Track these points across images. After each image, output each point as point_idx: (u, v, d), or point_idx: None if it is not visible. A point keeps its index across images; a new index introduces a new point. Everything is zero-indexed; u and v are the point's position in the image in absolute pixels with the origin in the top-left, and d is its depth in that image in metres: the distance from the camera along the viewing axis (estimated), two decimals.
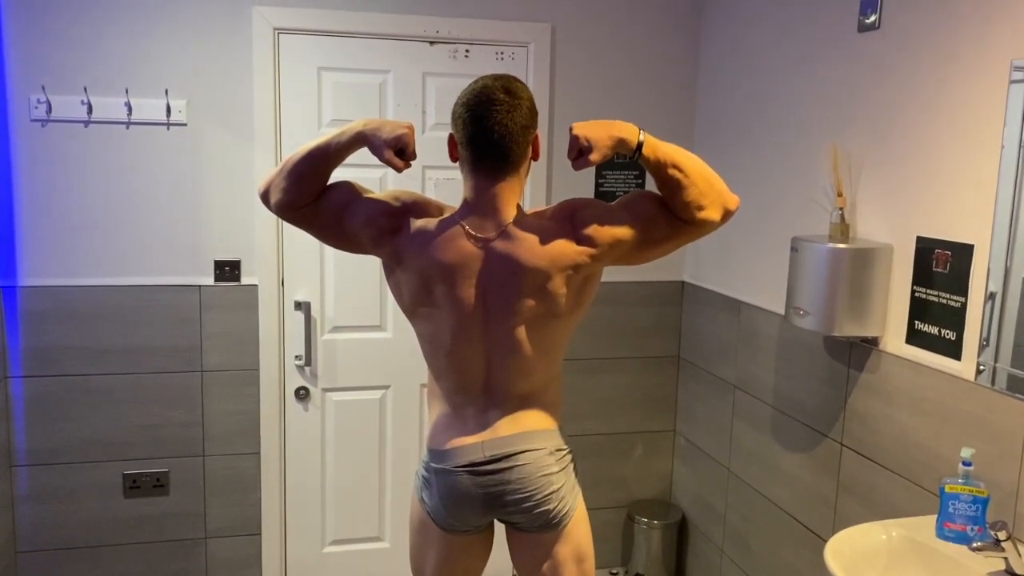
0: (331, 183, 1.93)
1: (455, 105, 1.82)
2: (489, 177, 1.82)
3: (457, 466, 1.89)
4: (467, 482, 1.88)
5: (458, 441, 1.90)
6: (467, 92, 1.80)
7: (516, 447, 1.88)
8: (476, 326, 1.85)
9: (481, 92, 1.77)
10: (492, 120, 1.75)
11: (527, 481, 1.88)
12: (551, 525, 1.93)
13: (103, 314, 2.94)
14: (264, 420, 3.11)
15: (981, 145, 1.97)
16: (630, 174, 3.32)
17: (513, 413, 1.91)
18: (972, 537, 1.85)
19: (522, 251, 1.80)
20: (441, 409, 1.96)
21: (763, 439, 2.87)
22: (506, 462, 1.88)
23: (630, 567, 3.43)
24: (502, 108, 1.76)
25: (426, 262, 1.82)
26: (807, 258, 2.33)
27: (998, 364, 1.93)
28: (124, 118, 2.87)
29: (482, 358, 1.88)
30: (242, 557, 3.17)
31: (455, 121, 1.81)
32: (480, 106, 1.76)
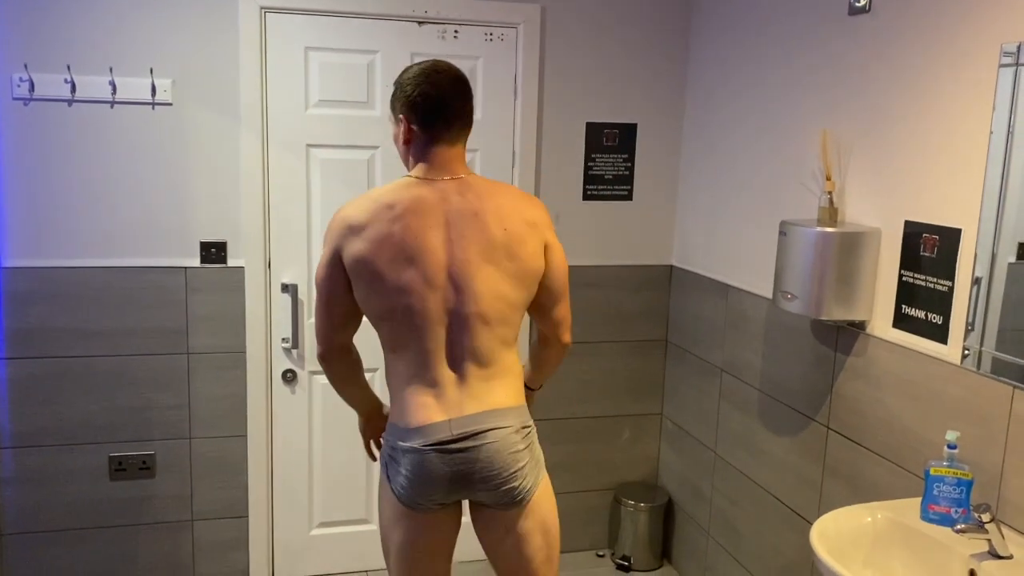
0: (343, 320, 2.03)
1: (406, 88, 1.94)
2: (448, 144, 1.98)
3: (425, 445, 1.89)
4: (435, 461, 1.89)
5: (425, 419, 1.90)
6: (421, 73, 1.95)
7: (483, 425, 1.91)
8: (443, 286, 1.90)
9: (432, 72, 1.95)
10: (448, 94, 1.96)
11: (495, 459, 1.90)
12: (516, 501, 1.96)
13: (88, 295, 2.91)
14: (251, 403, 3.10)
15: (970, 129, 1.97)
16: (619, 157, 3.31)
17: (478, 388, 1.93)
18: (956, 519, 1.86)
19: (484, 201, 1.95)
20: (405, 388, 1.95)
21: (750, 422, 2.88)
22: (473, 440, 1.89)
23: (616, 549, 3.45)
24: (454, 84, 1.98)
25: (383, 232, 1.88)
26: (795, 242, 2.33)
27: (983, 348, 1.94)
28: (108, 97, 2.83)
29: (447, 325, 1.92)
30: (229, 539, 3.17)
31: (411, 102, 1.94)
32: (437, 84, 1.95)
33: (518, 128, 3.19)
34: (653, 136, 3.33)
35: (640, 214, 3.37)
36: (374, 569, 3.35)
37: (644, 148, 3.33)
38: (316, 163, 3.06)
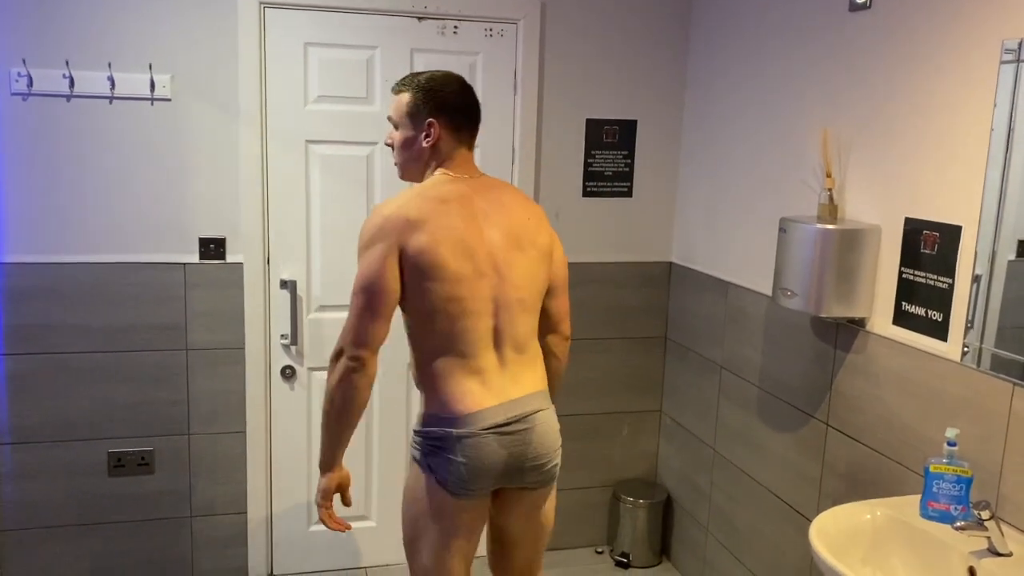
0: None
1: (443, 94, 2.08)
2: (468, 148, 2.15)
3: (482, 429, 1.97)
4: (493, 444, 1.98)
5: (477, 404, 1.98)
6: (450, 82, 2.12)
7: (530, 407, 2.04)
8: (490, 274, 2.01)
9: (459, 80, 2.14)
10: (475, 102, 2.15)
11: (544, 440, 2.05)
12: (552, 479, 2.12)
13: (87, 291, 2.91)
14: (250, 399, 3.10)
15: (970, 126, 1.97)
16: (619, 154, 3.30)
17: (518, 373, 2.06)
18: (956, 516, 1.86)
19: (503, 195, 2.12)
20: (448, 378, 2.00)
21: (749, 419, 2.88)
22: (525, 422, 2.02)
23: (615, 545, 3.45)
24: (473, 94, 2.17)
25: (444, 225, 1.98)
26: (795, 239, 2.33)
27: (983, 345, 1.94)
28: (107, 93, 2.82)
29: (492, 312, 2.02)
30: (228, 536, 3.17)
31: (452, 107, 2.08)
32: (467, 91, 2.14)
33: (518, 124, 3.18)
34: (653, 133, 3.33)
35: (640, 211, 3.37)
36: (372, 566, 3.35)
37: (644, 144, 3.32)
38: (315, 159, 3.05)
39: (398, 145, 2.12)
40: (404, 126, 2.10)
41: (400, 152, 2.13)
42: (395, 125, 2.13)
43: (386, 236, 1.96)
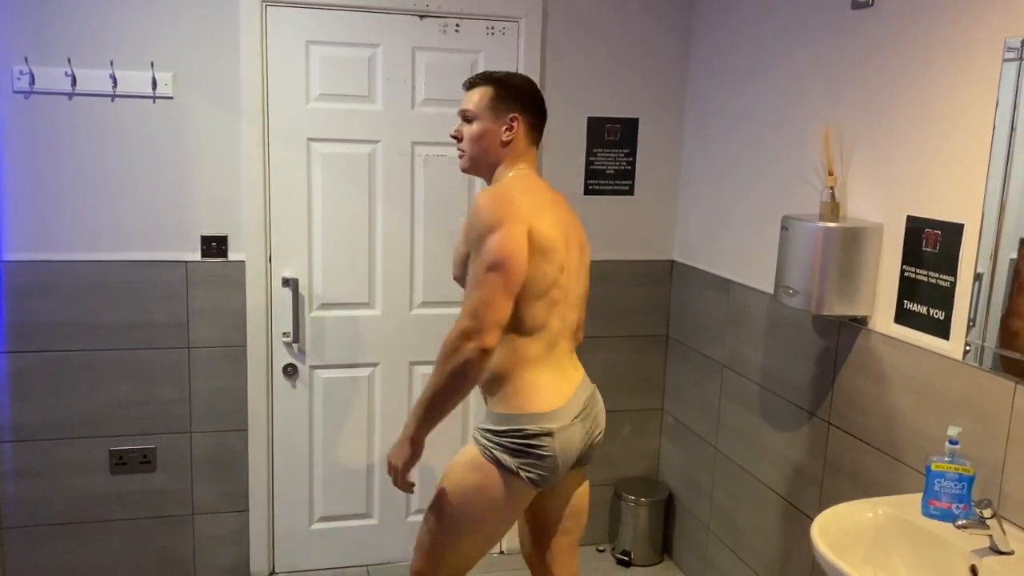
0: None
1: (528, 93, 2.17)
2: (537, 146, 2.23)
3: (573, 418, 2.08)
4: (578, 430, 2.10)
5: (565, 395, 2.08)
6: (528, 81, 2.21)
7: (588, 389, 2.18)
8: (572, 267, 2.13)
9: (531, 80, 2.23)
10: (544, 102, 2.24)
11: (601, 418, 2.22)
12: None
13: (88, 289, 2.91)
14: (252, 397, 3.10)
15: (973, 124, 1.96)
16: (620, 152, 3.30)
17: (573, 361, 2.19)
18: (957, 515, 1.86)
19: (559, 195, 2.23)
20: (533, 369, 2.06)
21: (750, 418, 2.88)
22: (593, 403, 2.18)
23: (617, 544, 3.45)
24: None
25: (555, 214, 2.10)
26: (797, 237, 2.32)
27: (985, 344, 1.93)
28: (109, 91, 2.82)
29: (573, 305, 2.15)
30: (229, 533, 3.17)
31: (532, 105, 2.16)
32: (540, 92, 2.22)
33: None
34: (655, 131, 3.32)
35: (641, 209, 3.36)
36: (374, 564, 3.35)
37: (646, 143, 3.32)
38: (317, 157, 3.05)
39: (473, 137, 2.14)
40: (483, 119, 2.12)
41: (473, 144, 2.14)
42: (470, 118, 2.14)
43: (517, 214, 1.98)
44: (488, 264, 1.94)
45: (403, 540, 3.35)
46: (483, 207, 2.00)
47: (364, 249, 3.14)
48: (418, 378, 3.27)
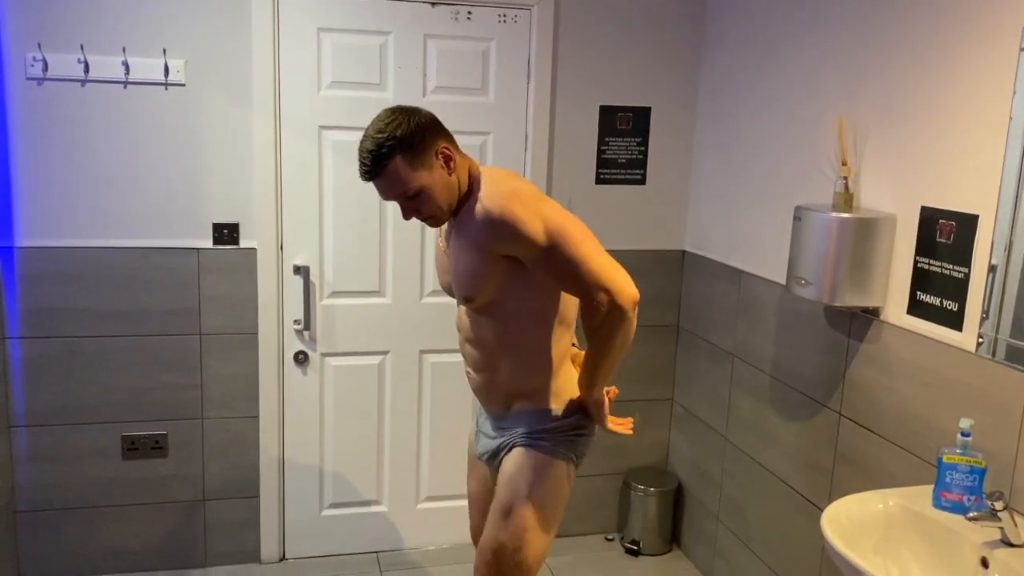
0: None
1: (418, 121, 1.93)
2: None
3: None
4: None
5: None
6: (408, 114, 1.96)
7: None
8: None
9: (398, 108, 2.01)
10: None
11: None
12: None
13: (101, 276, 2.93)
14: (263, 384, 3.11)
15: (989, 115, 1.95)
16: (632, 141, 3.29)
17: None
18: (968, 507, 1.85)
19: None
20: (563, 362, 2.09)
21: (761, 408, 2.88)
22: None
23: (626, 533, 3.46)
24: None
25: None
26: (810, 227, 2.31)
27: (999, 336, 1.92)
28: (121, 77, 2.83)
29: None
30: (240, 519, 3.19)
31: (431, 126, 1.94)
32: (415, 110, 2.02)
33: (531, 111, 3.17)
34: (667, 120, 3.31)
35: (653, 199, 3.35)
36: (384, 550, 3.36)
37: (658, 132, 3.31)
38: (328, 145, 3.05)
39: (434, 198, 1.92)
40: (423, 179, 1.90)
41: (438, 199, 1.92)
42: (415, 192, 1.91)
43: (536, 194, 1.94)
44: (572, 240, 1.88)
45: (413, 527, 3.37)
46: (513, 213, 1.86)
47: (375, 237, 3.14)
48: (428, 366, 3.27)
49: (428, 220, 1.98)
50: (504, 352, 2.04)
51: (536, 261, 1.91)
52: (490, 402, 2.15)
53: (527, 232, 1.87)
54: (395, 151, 1.87)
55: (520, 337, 2.04)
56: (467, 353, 2.14)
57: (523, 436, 2.06)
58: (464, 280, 1.99)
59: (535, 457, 2.04)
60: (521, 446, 2.05)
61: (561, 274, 1.92)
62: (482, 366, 2.10)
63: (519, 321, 2.02)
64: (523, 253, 1.91)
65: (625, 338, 1.95)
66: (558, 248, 1.88)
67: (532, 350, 2.04)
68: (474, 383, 2.16)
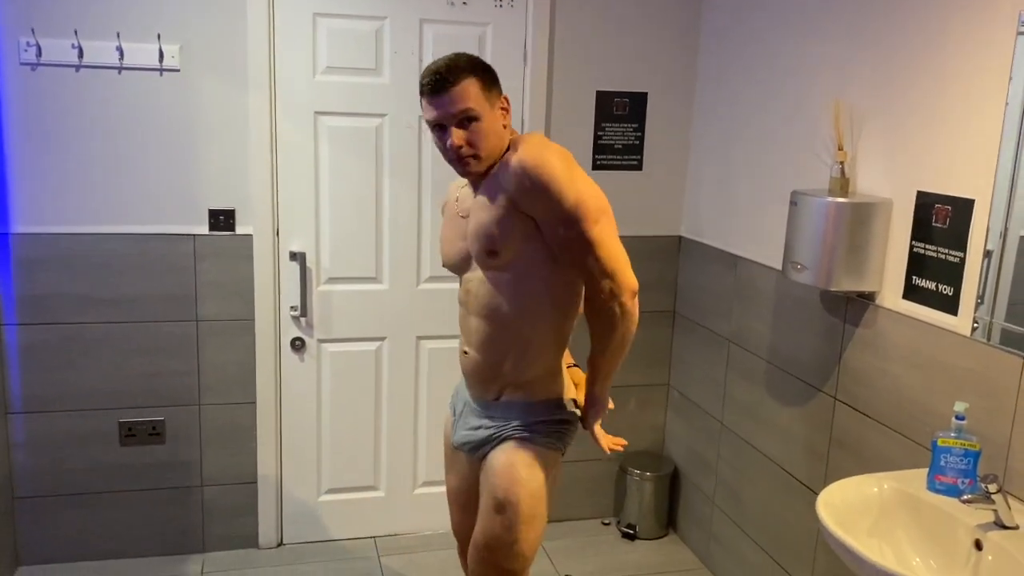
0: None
1: (485, 64, 1.96)
2: None
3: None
4: None
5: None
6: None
7: None
8: None
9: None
10: None
11: None
12: None
13: (97, 262, 2.92)
14: (260, 370, 3.12)
15: (985, 99, 1.95)
16: (629, 127, 3.28)
17: None
18: (963, 490, 1.87)
19: None
20: (560, 356, 2.11)
21: (757, 393, 2.89)
22: None
23: (622, 517, 3.48)
24: None
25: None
26: (806, 212, 2.32)
27: (994, 320, 1.93)
28: (116, 63, 2.81)
29: None
30: (238, 505, 3.20)
31: (499, 81, 1.98)
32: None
33: (527, 96, 3.16)
34: (664, 105, 3.30)
35: (650, 184, 3.35)
36: (382, 535, 3.38)
37: (654, 117, 3.30)
38: (324, 130, 3.04)
39: (485, 134, 1.90)
40: (484, 113, 1.89)
41: (487, 140, 1.91)
42: (474, 116, 1.89)
43: (573, 160, 1.91)
44: (594, 214, 1.86)
45: (410, 512, 3.38)
46: (546, 163, 1.83)
47: (371, 223, 3.14)
48: (425, 353, 3.28)
49: (467, 161, 1.92)
50: (515, 330, 1.99)
51: (553, 224, 1.88)
52: (481, 388, 2.09)
53: (557, 186, 1.83)
54: (472, 71, 1.89)
55: (535, 316, 1.99)
56: (472, 328, 2.05)
57: (516, 428, 2.03)
58: (484, 232, 1.93)
59: (528, 449, 2.03)
60: (513, 439, 2.03)
61: (572, 245, 1.89)
62: (486, 346, 2.03)
63: (537, 301, 1.98)
64: (545, 211, 1.86)
65: (626, 331, 1.97)
66: (579, 218, 1.86)
67: (542, 334, 2.01)
68: (470, 364, 2.08)
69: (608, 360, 2.01)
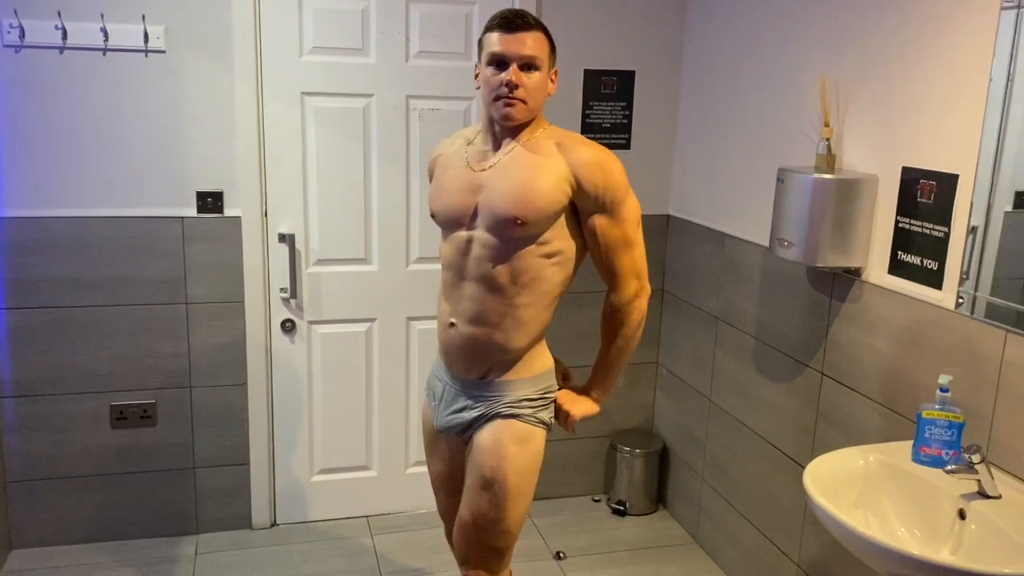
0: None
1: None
2: None
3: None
4: None
5: None
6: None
7: None
8: None
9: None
10: None
11: None
12: None
13: (86, 245, 2.91)
14: (250, 352, 3.12)
15: (970, 74, 1.96)
16: (617, 105, 3.28)
17: None
18: (947, 461, 1.89)
19: None
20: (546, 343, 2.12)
21: (745, 369, 2.91)
22: None
23: (612, 494, 3.51)
24: None
25: None
26: (793, 189, 2.33)
27: (978, 293, 1.96)
28: (100, 44, 2.79)
29: None
30: (231, 486, 3.21)
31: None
32: None
33: None
34: (651, 83, 3.30)
35: (638, 163, 3.36)
36: (375, 514, 3.40)
37: (642, 96, 3.30)
38: (311, 111, 3.03)
39: (538, 87, 1.97)
40: (543, 69, 1.97)
41: (538, 95, 1.98)
42: (536, 65, 1.95)
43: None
44: (636, 222, 2.03)
45: (402, 492, 3.41)
46: (617, 168, 1.99)
47: (360, 205, 3.14)
48: (415, 334, 3.29)
49: (514, 102, 1.95)
50: (510, 299, 1.98)
51: (606, 219, 1.98)
52: (467, 365, 2.05)
53: (623, 189, 1.98)
54: (545, 31, 1.99)
55: (533, 290, 1.98)
56: (465, 295, 2.01)
57: (504, 406, 2.03)
58: (519, 197, 1.93)
59: (516, 428, 2.03)
60: (501, 417, 2.03)
61: (615, 242, 2.01)
62: (478, 315, 1.99)
63: (539, 276, 1.99)
64: (602, 206, 1.97)
65: (638, 330, 2.11)
66: (629, 220, 2.01)
67: (536, 309, 2.01)
68: (458, 338, 2.03)
69: (621, 361, 2.14)
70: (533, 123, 2.03)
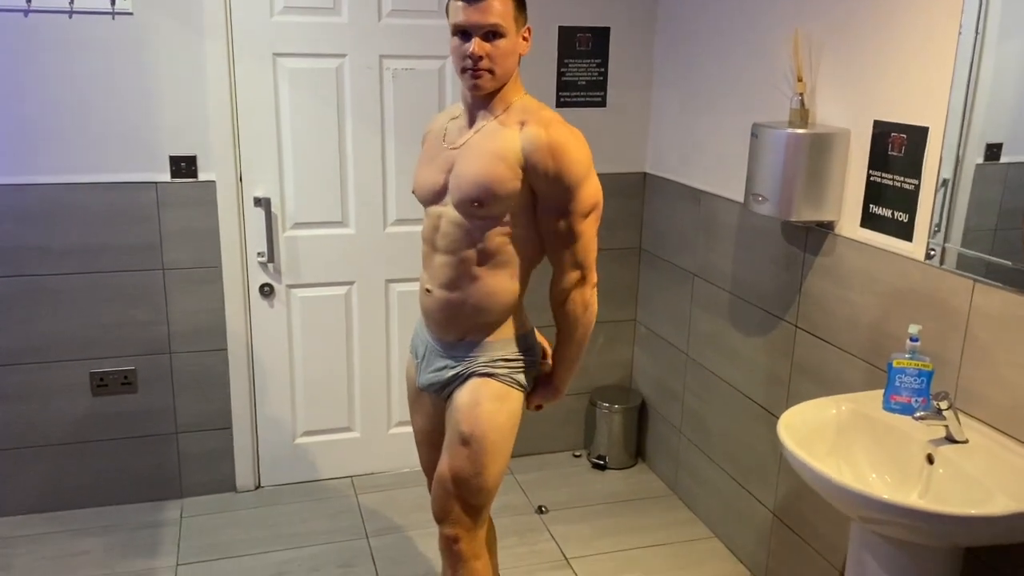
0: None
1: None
2: None
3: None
4: None
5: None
6: None
7: None
8: None
9: None
10: None
11: None
12: None
13: (59, 213, 2.88)
14: (229, 317, 3.12)
15: (940, 26, 1.98)
16: (592, 63, 3.27)
17: None
18: (916, 408, 1.95)
19: None
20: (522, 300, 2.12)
21: (720, 324, 2.96)
22: None
23: (592, 449, 3.57)
24: None
25: None
26: (766, 144, 2.35)
27: (948, 245, 1.99)
28: (66, 7, 2.74)
29: None
30: (214, 450, 3.23)
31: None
32: None
33: None
34: (626, 40, 3.29)
35: (614, 121, 3.36)
36: (358, 474, 3.44)
37: (617, 53, 3.29)
38: (284, 72, 3.00)
39: (506, 54, 1.92)
40: (510, 33, 1.92)
41: (505, 61, 1.93)
42: (501, 32, 1.90)
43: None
44: (588, 209, 1.98)
45: (385, 452, 3.44)
46: (575, 153, 1.93)
47: (335, 167, 3.12)
48: (395, 296, 3.30)
49: (481, 73, 1.92)
50: (480, 273, 2.00)
51: (552, 208, 1.95)
52: (443, 328, 2.08)
53: (575, 180, 1.93)
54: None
55: (502, 263, 2.01)
56: (436, 266, 2.05)
57: (481, 365, 2.05)
58: (479, 181, 1.94)
59: (493, 386, 2.05)
60: (477, 375, 2.06)
61: (558, 232, 1.98)
62: (450, 285, 2.03)
63: (506, 250, 2.00)
64: (551, 195, 1.94)
65: (588, 321, 2.11)
66: (575, 212, 1.96)
67: (506, 279, 2.02)
68: (434, 303, 2.06)
69: (571, 350, 2.12)
70: (508, 91, 1.99)
